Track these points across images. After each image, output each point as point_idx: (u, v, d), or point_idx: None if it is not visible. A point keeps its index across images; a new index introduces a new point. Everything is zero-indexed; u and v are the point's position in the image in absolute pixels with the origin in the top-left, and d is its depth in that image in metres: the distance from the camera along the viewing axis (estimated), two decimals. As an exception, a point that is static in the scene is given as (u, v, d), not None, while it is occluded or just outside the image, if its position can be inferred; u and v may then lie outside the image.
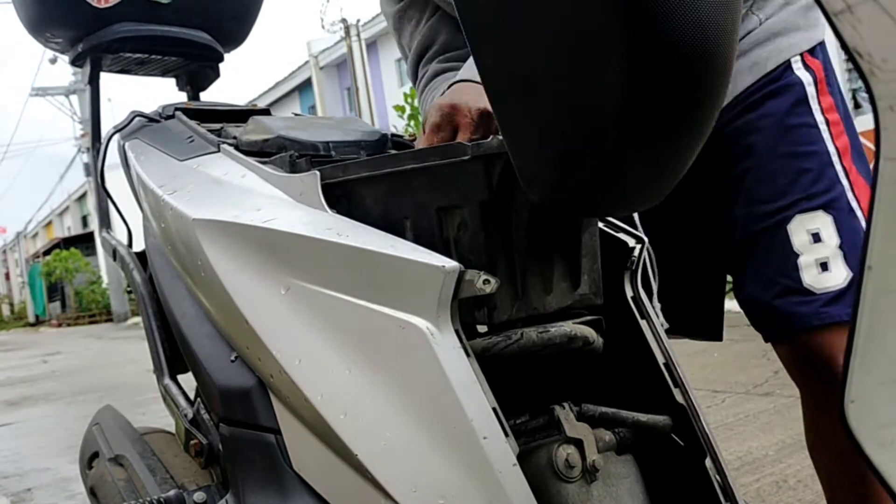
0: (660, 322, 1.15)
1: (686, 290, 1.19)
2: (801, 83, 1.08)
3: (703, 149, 1.15)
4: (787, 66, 1.08)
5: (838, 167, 1.07)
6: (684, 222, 1.17)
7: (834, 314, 1.03)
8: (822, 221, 1.05)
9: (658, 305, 1.16)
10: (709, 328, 1.24)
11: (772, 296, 1.07)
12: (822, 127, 1.07)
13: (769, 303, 1.08)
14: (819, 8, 0.40)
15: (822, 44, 1.11)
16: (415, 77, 1.29)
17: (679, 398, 0.79)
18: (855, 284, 0.42)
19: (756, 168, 1.08)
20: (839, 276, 1.04)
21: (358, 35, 13.56)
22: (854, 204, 1.07)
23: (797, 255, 1.05)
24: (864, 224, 1.07)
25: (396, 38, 1.33)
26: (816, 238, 1.04)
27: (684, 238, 1.18)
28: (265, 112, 1.30)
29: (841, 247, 1.05)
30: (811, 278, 1.04)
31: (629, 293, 0.82)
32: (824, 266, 1.04)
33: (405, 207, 0.74)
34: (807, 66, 1.09)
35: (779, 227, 1.06)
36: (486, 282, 0.65)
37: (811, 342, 1.06)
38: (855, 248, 1.05)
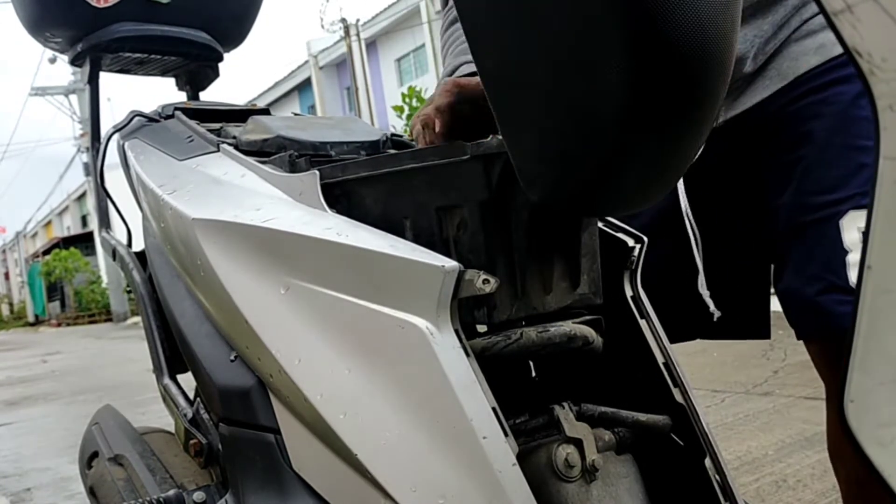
0: (711, 310, 1.14)
1: (730, 286, 1.16)
2: None
3: (759, 128, 1.10)
4: None
5: None
6: (730, 209, 1.13)
7: None
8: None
9: (707, 293, 1.15)
10: (755, 326, 1.19)
11: (815, 291, 1.02)
12: None
13: (811, 298, 1.03)
14: (818, 7, 0.40)
15: None
16: (445, 3, 1.25)
17: (678, 398, 0.79)
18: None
19: (812, 156, 1.03)
20: None
21: (357, 35, 13.57)
22: None
23: (846, 252, 0.99)
24: None
25: None
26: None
27: (728, 227, 1.15)
28: (265, 112, 1.30)
29: None
30: (856, 276, 1.01)
31: (629, 293, 0.82)
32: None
33: (405, 207, 0.74)
34: None
35: (830, 220, 1.00)
36: (485, 281, 0.65)
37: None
38: None
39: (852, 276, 0.99)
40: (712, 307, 1.16)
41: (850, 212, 1.00)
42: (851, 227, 1.00)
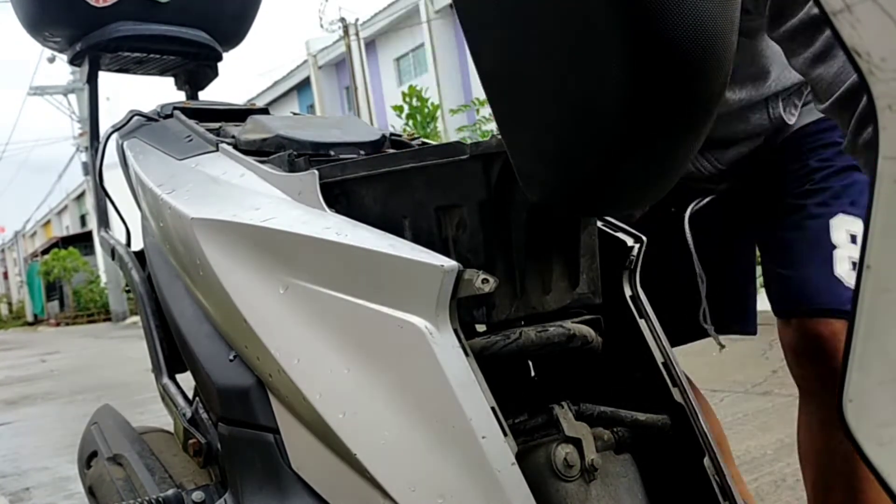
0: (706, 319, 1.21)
1: (717, 283, 1.23)
2: None
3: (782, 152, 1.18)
4: None
5: None
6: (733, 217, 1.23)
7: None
8: (860, 228, 1.06)
9: (705, 303, 1.22)
10: (741, 320, 1.28)
11: (800, 272, 1.10)
12: None
13: (795, 277, 1.11)
14: (817, 7, 0.40)
15: None
16: None
17: (677, 397, 0.79)
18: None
19: (817, 169, 1.13)
20: None
21: (356, 34, 13.57)
22: None
23: (834, 247, 1.08)
24: None
25: None
26: (853, 239, 1.08)
27: (729, 236, 1.25)
28: (264, 111, 1.30)
29: None
30: (843, 271, 1.07)
31: (628, 292, 0.82)
32: (855, 265, 1.05)
33: (404, 207, 0.74)
34: None
35: (823, 218, 1.10)
36: (484, 281, 0.65)
37: (824, 327, 1.07)
38: None
39: (837, 268, 1.08)
40: (707, 319, 1.25)
41: (839, 214, 1.10)
42: (840, 228, 1.10)
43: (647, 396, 0.80)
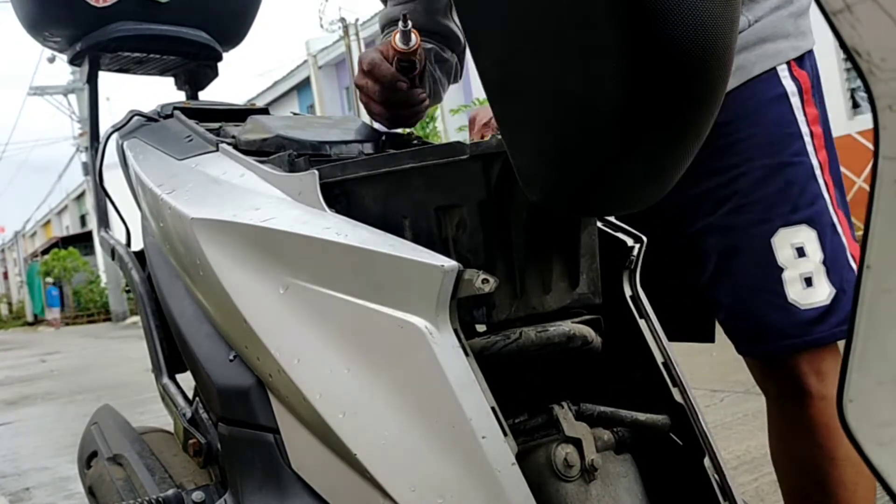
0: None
1: (672, 290, 1.13)
2: (786, 92, 1.05)
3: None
4: (773, 73, 1.05)
5: (820, 181, 1.04)
6: (662, 225, 1.09)
7: (817, 336, 1.02)
8: (807, 236, 1.03)
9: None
10: (699, 329, 1.19)
11: (754, 310, 1.05)
12: (807, 139, 1.05)
13: (752, 317, 1.05)
14: (818, 7, 0.40)
15: (810, 53, 1.09)
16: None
17: (678, 397, 0.79)
18: (853, 286, 0.42)
19: (740, 175, 1.04)
20: (823, 292, 1.02)
21: (357, 34, 13.56)
22: (835, 219, 1.05)
23: (781, 270, 1.02)
24: (844, 241, 1.04)
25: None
26: (801, 252, 1.02)
27: (667, 236, 1.11)
28: (264, 111, 1.30)
29: (824, 262, 1.02)
30: (796, 294, 1.02)
31: (628, 292, 0.82)
32: (808, 281, 1.02)
33: (404, 207, 0.74)
34: (793, 76, 1.06)
35: (762, 238, 1.03)
36: (484, 281, 0.65)
37: (788, 361, 1.04)
38: (837, 264, 1.03)
39: (790, 293, 1.02)
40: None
41: (780, 230, 1.03)
42: (784, 244, 1.03)
43: (647, 396, 0.80)
